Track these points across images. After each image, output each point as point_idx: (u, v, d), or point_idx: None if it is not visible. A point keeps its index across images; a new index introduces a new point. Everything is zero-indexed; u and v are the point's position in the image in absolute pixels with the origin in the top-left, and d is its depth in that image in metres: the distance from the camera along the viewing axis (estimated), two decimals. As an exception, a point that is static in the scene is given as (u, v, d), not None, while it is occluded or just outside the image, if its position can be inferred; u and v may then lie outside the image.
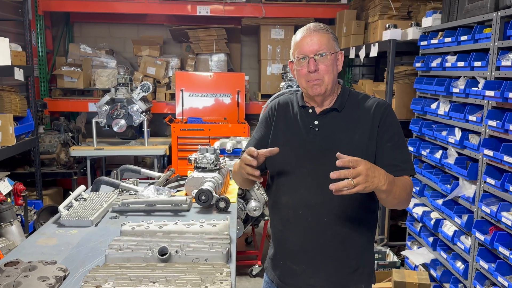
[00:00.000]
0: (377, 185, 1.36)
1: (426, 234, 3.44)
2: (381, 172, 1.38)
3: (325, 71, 1.59)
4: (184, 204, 2.22)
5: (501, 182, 2.48)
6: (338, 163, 1.34)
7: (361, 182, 1.32)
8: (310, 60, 1.58)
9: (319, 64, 1.58)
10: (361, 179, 1.32)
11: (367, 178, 1.33)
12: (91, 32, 6.58)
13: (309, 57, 1.58)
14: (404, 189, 1.52)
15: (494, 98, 2.55)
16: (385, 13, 4.54)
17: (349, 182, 1.32)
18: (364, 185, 1.33)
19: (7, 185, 3.51)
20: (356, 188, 1.32)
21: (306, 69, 1.59)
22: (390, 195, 1.45)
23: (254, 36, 6.70)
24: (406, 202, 1.57)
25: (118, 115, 4.74)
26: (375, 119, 1.61)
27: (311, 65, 1.58)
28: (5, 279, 1.41)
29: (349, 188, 1.32)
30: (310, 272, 1.64)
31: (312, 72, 1.58)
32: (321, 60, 1.58)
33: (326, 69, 1.59)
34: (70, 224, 2.02)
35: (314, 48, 1.58)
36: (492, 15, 2.63)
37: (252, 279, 3.91)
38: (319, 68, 1.59)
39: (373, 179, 1.34)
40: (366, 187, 1.34)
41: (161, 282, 1.39)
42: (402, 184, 1.51)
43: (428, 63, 3.41)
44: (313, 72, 1.58)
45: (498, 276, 2.49)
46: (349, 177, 1.32)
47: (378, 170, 1.37)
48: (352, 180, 1.32)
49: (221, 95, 5.49)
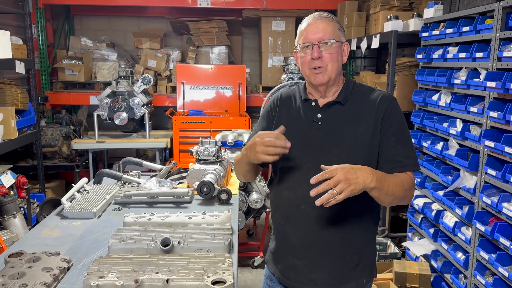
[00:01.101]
0: (364, 184, 1.36)
1: (427, 225, 3.45)
2: (364, 170, 1.37)
3: (329, 58, 1.57)
4: (186, 196, 2.23)
5: (502, 173, 2.49)
6: (312, 181, 1.33)
7: (344, 188, 1.31)
8: (314, 47, 1.56)
9: (323, 52, 1.57)
10: (343, 186, 1.31)
11: (349, 181, 1.32)
12: (92, 25, 6.57)
13: (313, 44, 1.56)
14: (399, 185, 1.49)
15: (496, 89, 2.55)
16: (386, 4, 4.52)
17: (332, 193, 1.31)
18: (350, 189, 1.32)
19: (10, 178, 3.53)
20: (342, 195, 1.32)
21: (310, 56, 1.57)
22: (382, 192, 1.43)
23: (255, 28, 6.68)
24: (404, 199, 1.55)
25: (120, 108, 4.74)
26: (379, 113, 1.59)
27: (315, 51, 1.56)
28: (9, 270, 1.43)
29: (335, 198, 1.32)
30: (311, 267, 1.64)
31: (316, 59, 1.56)
32: (326, 48, 1.57)
33: (330, 56, 1.57)
34: (73, 216, 2.04)
35: (318, 35, 1.56)
36: (494, 6, 2.62)
37: (254, 270, 3.94)
38: (323, 56, 1.57)
39: (356, 179, 1.33)
40: (353, 190, 1.33)
41: (164, 272, 1.40)
42: (397, 181, 1.49)
43: (430, 55, 3.40)
44: (316, 59, 1.56)
45: (499, 267, 2.50)
46: (329, 188, 1.31)
47: (360, 170, 1.36)
48: (334, 189, 1.31)
49: (222, 87, 5.48)
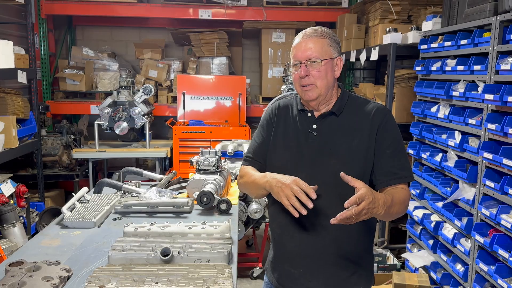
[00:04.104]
0: (375, 214, 1.44)
1: (426, 236, 3.45)
2: (380, 201, 1.43)
3: (317, 76, 1.61)
4: (186, 206, 2.24)
5: (500, 185, 2.50)
6: (346, 205, 1.37)
7: (361, 215, 1.38)
8: (301, 66, 1.61)
9: (310, 70, 1.61)
10: (362, 214, 1.38)
11: (367, 211, 1.38)
12: (94, 35, 6.62)
13: (301, 63, 1.61)
14: (401, 204, 1.55)
15: (494, 102, 2.57)
16: (385, 17, 4.57)
17: (351, 219, 1.37)
18: (363, 217, 1.40)
19: (10, 187, 3.53)
20: (355, 220, 1.39)
21: (298, 74, 1.63)
22: (385, 215, 1.50)
23: (255, 40, 6.73)
24: (401, 213, 1.61)
25: (120, 117, 4.76)
26: (374, 125, 1.61)
27: (302, 70, 1.61)
28: (10, 279, 1.43)
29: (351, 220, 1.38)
30: (308, 275, 1.65)
31: (303, 78, 1.61)
32: (313, 66, 1.61)
33: (318, 74, 1.61)
34: (73, 225, 2.04)
35: (306, 54, 1.61)
36: (492, 20, 2.66)
37: (252, 281, 3.92)
38: (311, 73, 1.61)
39: (372, 210, 1.40)
40: (364, 218, 1.41)
41: (164, 282, 1.41)
42: (399, 201, 1.54)
43: (428, 67, 3.43)
44: (303, 77, 1.61)
45: (498, 279, 2.50)
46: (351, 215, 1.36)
47: (377, 200, 1.42)
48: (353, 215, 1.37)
49: (223, 98, 5.51)
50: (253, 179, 1.66)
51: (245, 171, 1.74)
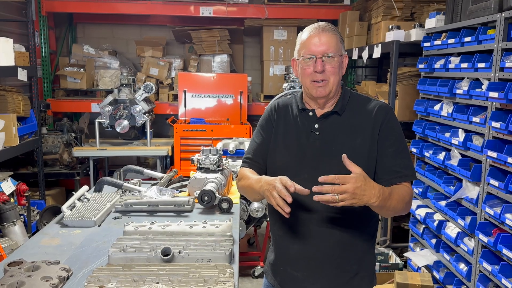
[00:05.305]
0: (367, 202, 1.38)
1: (429, 235, 3.43)
2: (374, 189, 1.38)
3: (332, 72, 1.57)
4: (187, 205, 2.22)
5: (505, 184, 2.47)
6: (320, 180, 1.34)
7: (347, 198, 1.34)
8: (317, 60, 1.55)
9: (326, 65, 1.56)
10: (346, 196, 1.33)
11: (354, 195, 1.34)
12: (94, 33, 6.60)
13: (317, 57, 1.56)
14: (401, 200, 1.51)
15: (498, 100, 2.54)
16: (388, 14, 4.54)
17: (333, 198, 1.33)
18: (351, 201, 1.35)
19: (10, 185, 3.52)
20: (341, 203, 1.34)
21: (312, 68, 1.57)
22: (383, 209, 1.46)
23: (256, 37, 6.71)
24: (403, 211, 1.57)
25: (121, 115, 4.74)
26: (376, 123, 1.59)
27: (318, 65, 1.55)
28: (8, 279, 1.42)
29: (334, 202, 1.34)
30: (311, 278, 1.63)
31: (319, 73, 1.56)
32: (328, 61, 1.56)
33: (333, 70, 1.57)
34: (73, 224, 2.03)
35: (322, 48, 1.55)
36: (496, 16, 2.63)
37: (254, 280, 3.91)
38: (326, 69, 1.56)
39: (361, 197, 1.35)
40: (353, 203, 1.36)
41: (164, 282, 1.39)
42: (399, 196, 1.50)
43: (432, 64, 3.40)
44: (320, 73, 1.56)
45: (502, 278, 2.48)
46: (332, 193, 1.33)
47: (370, 188, 1.37)
48: (336, 195, 1.33)
49: (224, 96, 5.49)
50: (249, 183, 1.63)
51: (243, 173, 1.70)
